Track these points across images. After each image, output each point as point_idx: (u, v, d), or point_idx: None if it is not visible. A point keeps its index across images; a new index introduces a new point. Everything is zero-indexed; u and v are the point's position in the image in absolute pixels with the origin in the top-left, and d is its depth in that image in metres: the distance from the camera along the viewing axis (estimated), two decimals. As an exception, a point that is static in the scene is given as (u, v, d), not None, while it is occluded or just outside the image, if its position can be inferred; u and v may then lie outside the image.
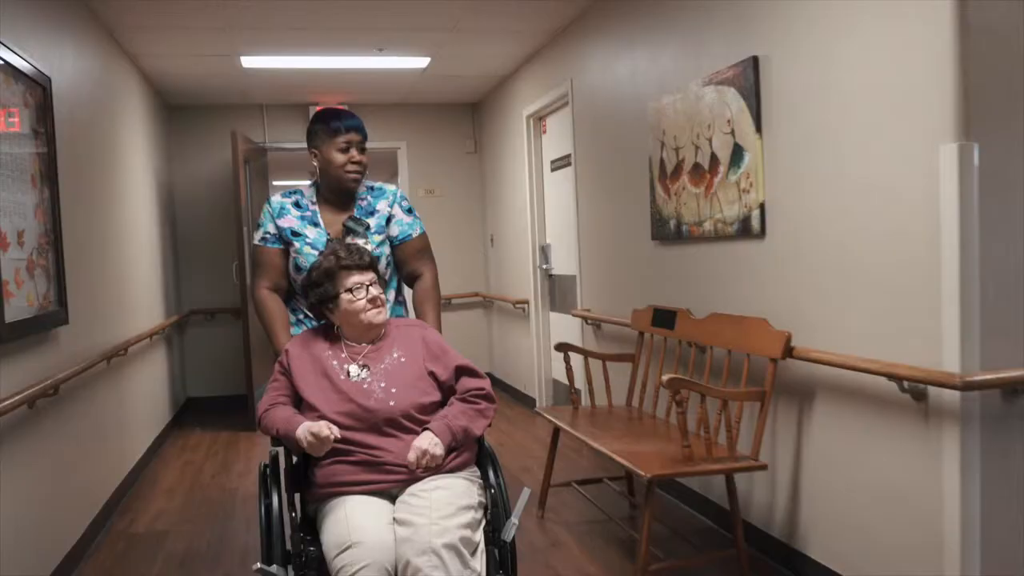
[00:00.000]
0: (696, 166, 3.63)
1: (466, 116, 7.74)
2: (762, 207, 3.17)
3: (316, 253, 2.51)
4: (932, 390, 2.40)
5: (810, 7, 2.87)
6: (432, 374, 2.33)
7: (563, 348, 4.07)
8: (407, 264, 2.69)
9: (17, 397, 2.79)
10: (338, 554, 2.00)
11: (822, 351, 2.81)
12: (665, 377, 2.83)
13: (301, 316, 2.65)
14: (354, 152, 2.57)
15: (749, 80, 3.19)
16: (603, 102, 4.75)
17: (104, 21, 4.69)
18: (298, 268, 2.55)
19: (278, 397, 2.33)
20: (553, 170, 5.91)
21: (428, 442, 2.16)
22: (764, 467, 3.00)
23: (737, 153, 3.31)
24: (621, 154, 4.47)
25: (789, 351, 2.92)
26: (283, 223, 2.60)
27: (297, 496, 2.31)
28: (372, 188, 2.69)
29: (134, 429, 4.99)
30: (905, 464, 2.53)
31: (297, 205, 2.63)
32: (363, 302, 2.32)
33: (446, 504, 2.07)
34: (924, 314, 2.40)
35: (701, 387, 2.89)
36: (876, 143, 2.59)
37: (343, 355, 2.35)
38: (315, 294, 2.37)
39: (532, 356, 6.31)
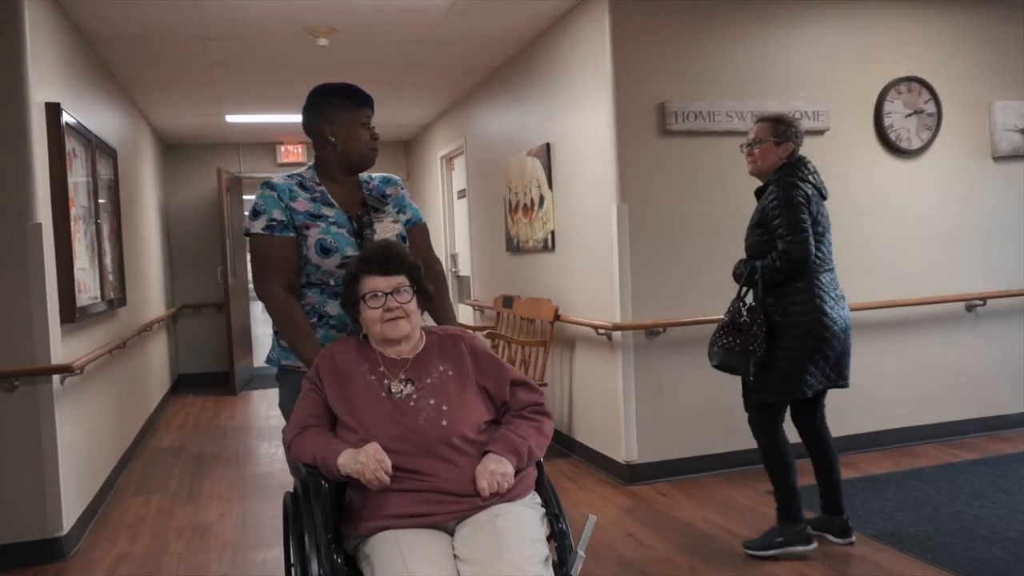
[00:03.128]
0: (525, 205, 5.76)
1: (400, 151, 9.82)
2: (552, 233, 5.30)
3: (344, 232, 2.36)
4: (617, 334, 4.53)
5: (570, 116, 4.99)
6: (484, 389, 2.12)
7: (446, 322, 6.18)
8: (417, 251, 2.49)
9: (109, 345, 4.82)
10: None
11: (573, 316, 4.94)
12: (483, 332, 4.95)
13: (315, 320, 2.41)
14: (373, 128, 2.48)
15: (545, 157, 5.32)
16: (482, 154, 6.87)
17: (133, 99, 6.71)
18: (326, 250, 2.35)
19: (309, 418, 2.05)
20: (458, 198, 8.01)
21: (498, 464, 1.94)
22: (545, 384, 5.13)
23: (542, 199, 5.44)
24: (492, 192, 6.59)
25: (557, 317, 5.05)
26: (297, 206, 2.37)
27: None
28: (371, 176, 2.58)
29: (152, 385, 7.00)
30: (606, 375, 4.66)
31: (302, 187, 2.43)
32: (378, 312, 2.08)
33: (515, 538, 1.85)
34: (608, 291, 4.53)
35: (505, 337, 5.03)
36: (593, 200, 4.71)
37: (381, 369, 2.09)
38: (342, 297, 2.21)
39: (446, 337, 8.41)
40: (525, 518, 1.93)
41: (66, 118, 4.01)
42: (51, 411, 3.70)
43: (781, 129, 3.41)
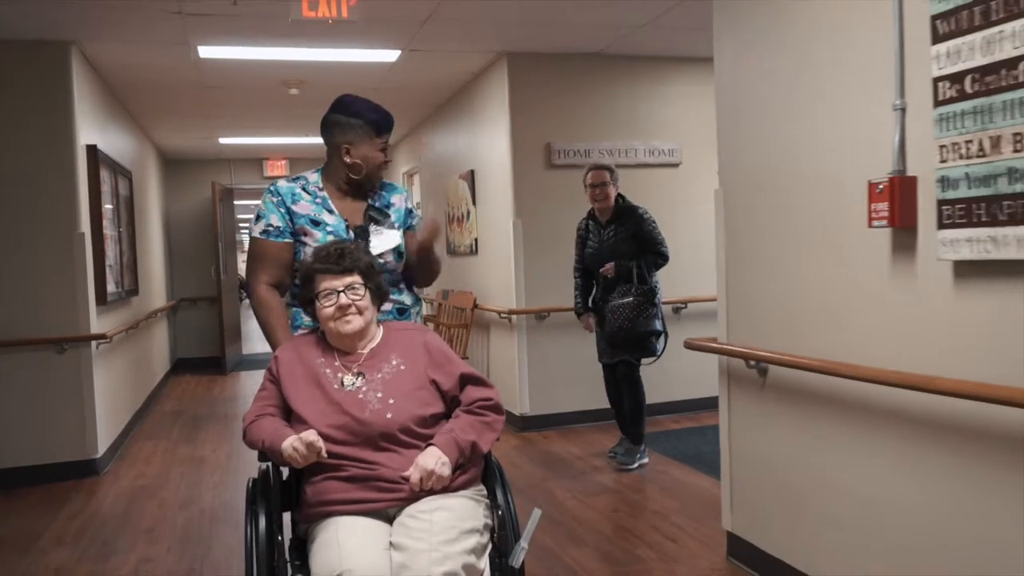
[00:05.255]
0: (458, 218, 7.20)
1: (372, 166, 11.24)
2: (476, 240, 6.74)
3: None
4: (515, 318, 5.96)
5: (485, 150, 6.42)
6: (434, 383, 2.16)
7: (397, 311, 7.64)
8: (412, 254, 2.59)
9: (127, 324, 6.23)
10: None
11: (486, 305, 6.37)
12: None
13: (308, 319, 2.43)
14: (387, 150, 2.54)
15: (470, 180, 6.76)
16: (431, 174, 8.31)
17: (142, 126, 8.13)
18: None
19: (266, 407, 2.16)
20: (416, 209, 9.43)
21: (434, 461, 1.99)
22: (467, 358, 6.56)
23: (469, 213, 6.87)
24: (438, 205, 8.03)
25: (475, 305, 6.49)
26: (299, 209, 2.45)
27: (287, 516, 2.19)
28: (383, 183, 2.63)
29: (156, 364, 8.41)
30: (508, 348, 6.10)
31: (305, 190, 2.49)
32: (331, 310, 2.16)
33: (448, 527, 1.90)
34: (508, 285, 5.96)
35: (437, 321, 6.45)
36: (499, 215, 6.15)
37: (337, 363, 2.18)
38: (300, 295, 2.29)
39: (407, 327, 9.88)
40: (463, 509, 1.98)
41: (100, 154, 5.43)
42: (90, 368, 5.12)
43: (615, 176, 4.90)
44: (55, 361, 5.04)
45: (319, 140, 2.59)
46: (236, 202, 12.36)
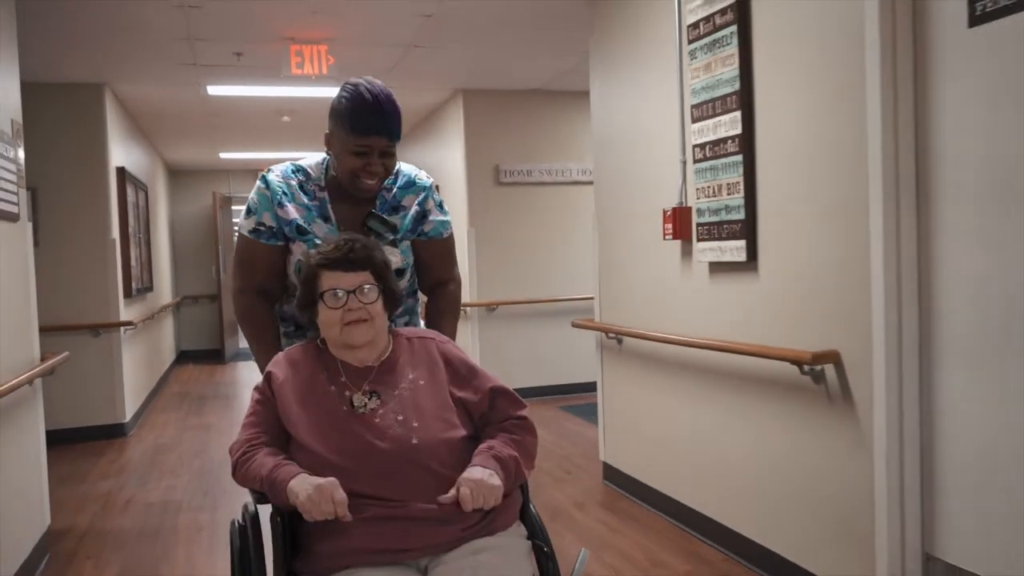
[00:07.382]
0: (426, 225, 8.42)
1: (357, 177, 12.46)
2: (440, 244, 7.95)
3: None
4: (470, 309, 7.17)
5: (447, 168, 7.63)
6: (461, 401, 1.83)
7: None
8: (432, 268, 2.23)
9: (146, 315, 7.42)
10: None
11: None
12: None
13: (291, 328, 2.17)
14: (373, 159, 1.97)
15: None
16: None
17: (153, 144, 9.33)
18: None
19: (259, 436, 1.79)
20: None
21: (481, 472, 1.66)
22: (432, 344, 7.79)
23: (434, 222, 8.08)
24: (411, 214, 9.23)
25: (439, 299, 7.71)
26: (285, 214, 2.05)
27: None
28: (398, 173, 2.16)
29: (164, 353, 9.60)
30: (462, 336, 7.30)
31: (302, 189, 2.08)
32: (338, 313, 1.80)
33: None
34: (465, 281, 7.14)
35: (404, 312, 7.68)
36: (457, 225, 7.35)
37: (343, 379, 1.81)
38: (298, 297, 1.91)
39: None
40: (508, 554, 1.68)
41: (126, 174, 6.63)
42: (120, 349, 6.32)
43: None
44: (92, 343, 6.23)
45: (309, 154, 2.55)
46: (234, 207, 13.62)
